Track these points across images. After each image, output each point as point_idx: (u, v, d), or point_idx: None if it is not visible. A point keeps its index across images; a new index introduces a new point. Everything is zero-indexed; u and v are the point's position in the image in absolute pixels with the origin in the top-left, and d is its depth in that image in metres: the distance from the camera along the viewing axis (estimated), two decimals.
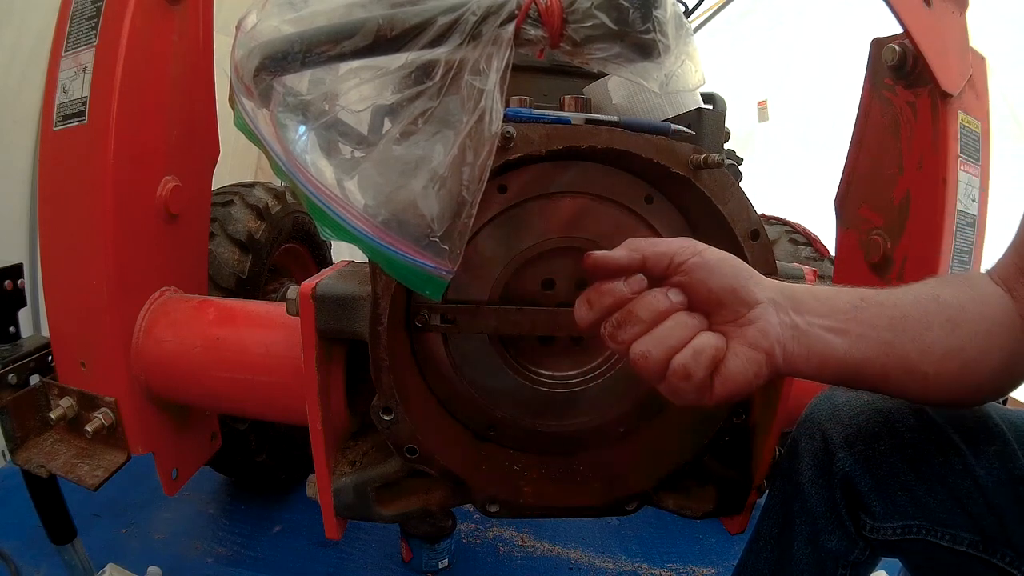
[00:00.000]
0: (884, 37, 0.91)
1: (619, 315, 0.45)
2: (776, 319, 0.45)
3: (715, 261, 0.45)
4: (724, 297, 0.45)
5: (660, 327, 0.44)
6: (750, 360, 0.44)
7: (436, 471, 0.64)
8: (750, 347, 0.44)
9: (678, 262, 0.45)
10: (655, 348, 0.43)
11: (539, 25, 0.51)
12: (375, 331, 0.58)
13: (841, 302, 0.48)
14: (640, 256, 0.46)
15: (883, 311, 0.47)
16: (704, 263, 0.45)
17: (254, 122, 0.57)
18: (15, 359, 0.77)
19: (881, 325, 0.47)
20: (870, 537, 0.56)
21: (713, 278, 0.45)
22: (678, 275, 0.45)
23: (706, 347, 0.43)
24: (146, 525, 1.30)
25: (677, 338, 0.43)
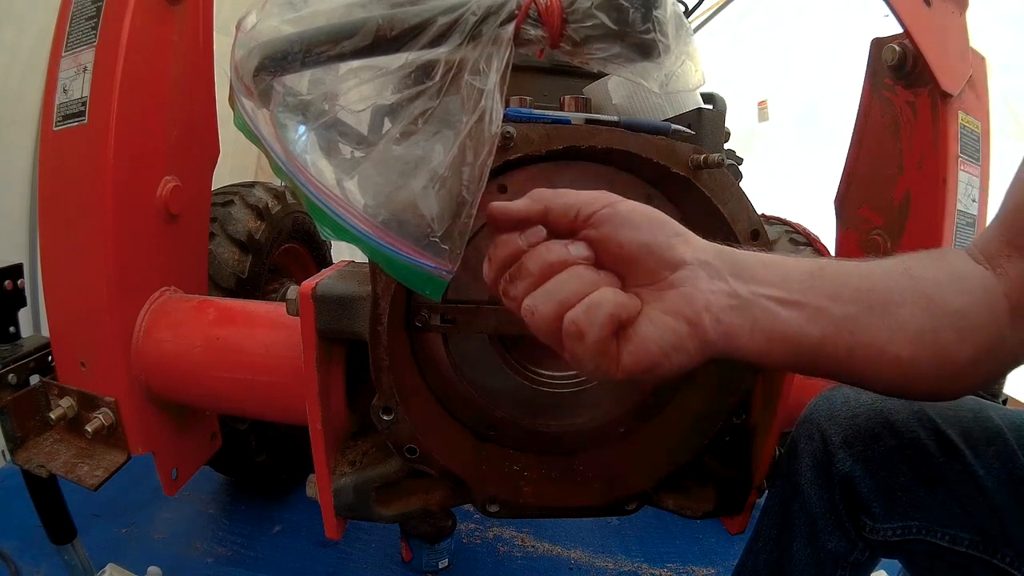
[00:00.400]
0: (884, 37, 0.91)
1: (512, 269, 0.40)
2: (707, 285, 0.38)
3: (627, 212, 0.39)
4: (638, 254, 0.38)
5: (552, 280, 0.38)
6: (667, 328, 0.37)
7: (436, 471, 0.64)
8: (668, 314, 0.37)
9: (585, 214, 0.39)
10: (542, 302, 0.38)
11: (539, 25, 0.51)
12: (375, 331, 0.57)
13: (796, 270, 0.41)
14: (542, 206, 0.40)
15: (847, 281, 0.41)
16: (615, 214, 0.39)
17: (254, 122, 0.57)
18: (15, 359, 0.77)
19: (844, 297, 0.40)
20: (870, 538, 0.56)
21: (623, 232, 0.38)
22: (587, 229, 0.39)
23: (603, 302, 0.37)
24: (146, 525, 1.30)
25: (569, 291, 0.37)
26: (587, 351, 0.37)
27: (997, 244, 0.45)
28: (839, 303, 0.40)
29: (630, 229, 0.39)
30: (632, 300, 0.38)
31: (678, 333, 0.37)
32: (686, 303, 0.38)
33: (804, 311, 0.40)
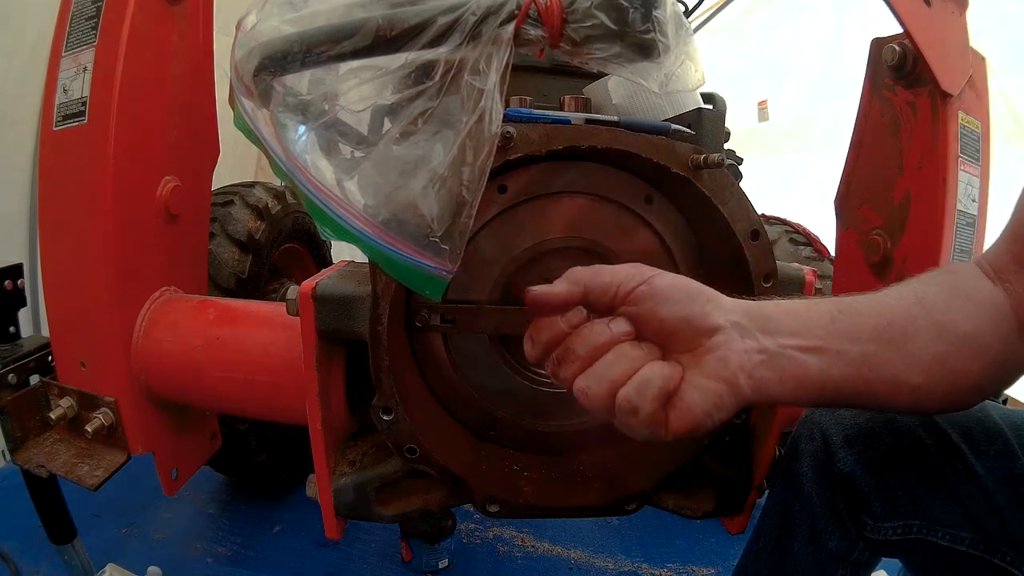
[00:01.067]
0: (884, 37, 0.91)
1: (559, 351, 0.43)
2: (740, 345, 0.41)
3: (664, 288, 0.42)
4: (677, 327, 0.41)
5: (600, 361, 0.41)
6: (708, 391, 0.40)
7: (436, 471, 0.64)
8: (709, 378, 0.41)
9: (624, 292, 0.42)
10: (595, 383, 0.40)
11: (539, 25, 0.51)
12: (375, 331, 0.57)
13: (817, 316, 0.44)
14: (581, 288, 0.43)
15: (864, 321, 0.44)
16: (652, 292, 0.42)
17: (254, 122, 0.57)
18: (15, 359, 0.77)
19: (863, 337, 0.44)
20: (870, 537, 0.56)
21: (663, 307, 0.41)
22: (626, 305, 0.42)
23: (652, 378, 0.40)
24: (146, 525, 1.30)
25: (620, 371, 0.40)
26: (640, 423, 0.40)
27: (1006, 259, 0.47)
28: (858, 343, 0.43)
29: (669, 304, 0.41)
30: (675, 370, 0.41)
31: (719, 395, 0.40)
32: (724, 366, 0.41)
33: (826, 355, 0.43)
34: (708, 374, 0.41)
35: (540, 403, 0.69)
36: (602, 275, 0.43)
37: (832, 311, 0.44)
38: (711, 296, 0.43)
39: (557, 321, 0.43)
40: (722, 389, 0.40)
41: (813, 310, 0.45)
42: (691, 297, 0.42)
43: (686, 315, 0.41)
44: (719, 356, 0.41)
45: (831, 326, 0.44)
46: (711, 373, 0.41)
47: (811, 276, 0.66)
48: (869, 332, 0.44)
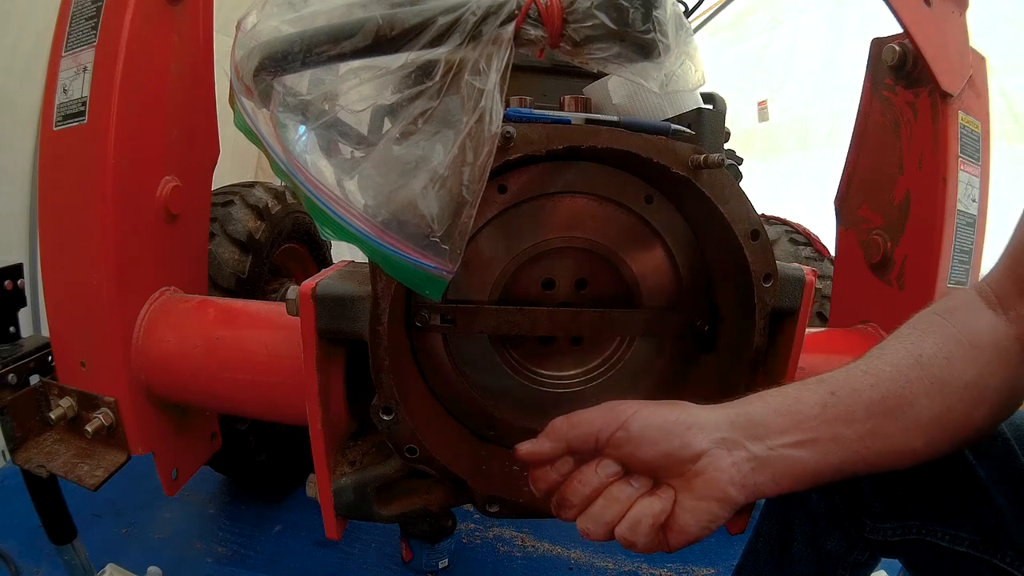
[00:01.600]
0: (884, 37, 0.91)
1: (556, 498, 0.46)
2: (728, 460, 0.43)
3: (640, 431, 0.44)
4: (660, 463, 0.44)
5: (594, 505, 0.44)
6: (700, 512, 0.43)
7: (436, 471, 0.63)
8: (700, 499, 0.43)
9: (603, 439, 0.45)
10: (592, 526, 0.44)
11: (539, 25, 0.51)
12: (375, 331, 0.57)
13: (808, 406, 0.44)
14: (564, 444, 0.46)
15: (859, 399, 0.44)
16: (629, 437, 0.44)
17: (254, 122, 0.57)
18: (15, 359, 0.77)
19: (859, 417, 0.44)
20: (870, 538, 0.56)
21: (642, 450, 0.44)
22: (609, 449, 0.45)
23: (643, 517, 0.43)
24: (146, 525, 1.30)
25: (613, 514, 0.43)
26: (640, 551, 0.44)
27: (1008, 284, 0.48)
28: (854, 424, 0.44)
29: (647, 446, 0.44)
30: (666, 500, 0.43)
31: (712, 512, 0.43)
32: (713, 487, 0.42)
33: (821, 445, 0.44)
34: (699, 496, 0.43)
35: (540, 403, 0.69)
36: (580, 427, 0.46)
37: (824, 396, 0.45)
38: (691, 422, 0.44)
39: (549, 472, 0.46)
40: (714, 507, 0.43)
41: (804, 400, 0.45)
42: (668, 432, 0.44)
43: (666, 452, 0.43)
44: (706, 479, 0.43)
45: (824, 415, 0.44)
46: (701, 495, 0.43)
47: (811, 276, 0.66)
48: (864, 411, 0.44)
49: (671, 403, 0.46)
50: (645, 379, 0.70)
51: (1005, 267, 0.49)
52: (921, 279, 0.87)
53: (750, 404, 0.46)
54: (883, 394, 0.44)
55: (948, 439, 0.46)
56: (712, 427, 0.44)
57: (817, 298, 1.17)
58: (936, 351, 0.46)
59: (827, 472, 0.44)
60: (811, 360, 0.76)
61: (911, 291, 0.89)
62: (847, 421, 0.44)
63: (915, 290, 0.88)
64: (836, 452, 0.44)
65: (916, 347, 0.47)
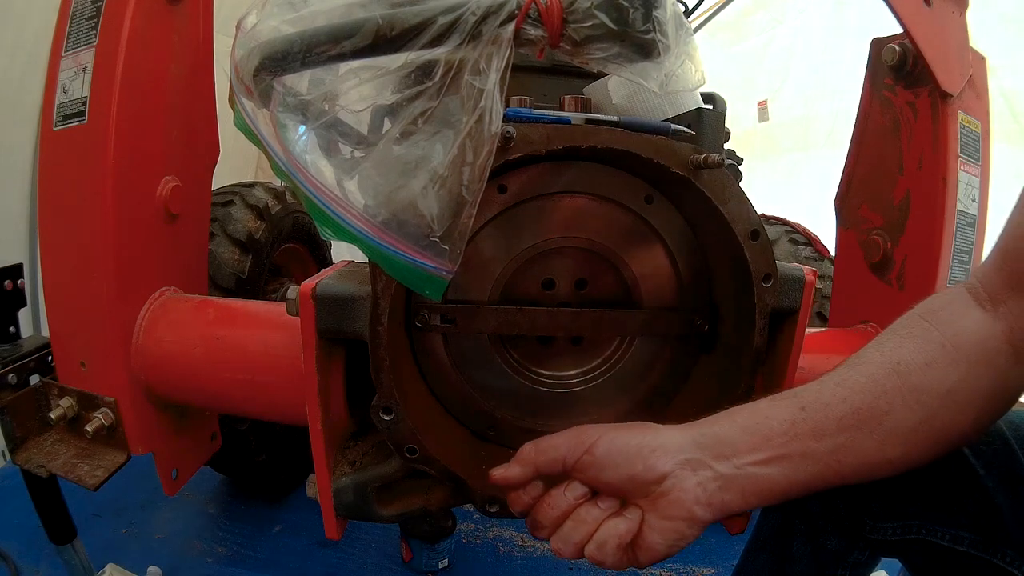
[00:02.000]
0: (884, 37, 0.91)
1: (529, 520, 0.49)
2: (692, 481, 0.44)
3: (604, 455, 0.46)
4: (624, 485, 0.45)
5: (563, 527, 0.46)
6: (668, 530, 0.44)
7: (436, 471, 0.63)
8: (666, 519, 0.44)
9: (571, 463, 0.47)
10: (563, 546, 0.46)
11: (539, 25, 0.51)
12: (375, 331, 0.57)
13: (778, 422, 0.45)
14: (532, 469, 0.48)
15: (829, 414, 0.44)
16: (594, 461, 0.46)
17: (254, 122, 0.57)
18: (15, 359, 0.77)
19: (830, 431, 0.44)
20: (870, 537, 0.56)
21: (606, 473, 0.46)
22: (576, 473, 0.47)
23: (608, 538, 0.44)
24: (146, 525, 1.30)
25: (581, 534, 0.45)
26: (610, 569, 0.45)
27: (997, 281, 0.47)
28: (824, 439, 0.44)
29: (611, 470, 0.45)
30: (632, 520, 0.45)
31: (679, 531, 0.44)
32: (678, 507, 0.44)
33: (790, 462, 0.44)
34: (664, 515, 0.44)
35: (540, 403, 0.69)
36: (547, 452, 0.48)
37: (794, 412, 0.45)
38: (655, 445, 0.45)
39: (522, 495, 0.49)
40: (680, 526, 0.44)
41: (773, 416, 0.45)
42: (631, 456, 0.45)
43: (629, 475, 0.45)
44: (671, 499, 0.44)
45: (793, 430, 0.44)
46: (667, 515, 0.44)
47: (811, 276, 0.66)
48: (835, 424, 0.44)
49: (637, 425, 0.48)
50: (645, 379, 0.70)
51: (994, 262, 0.48)
52: (921, 279, 0.87)
53: (718, 423, 0.47)
54: (855, 407, 0.44)
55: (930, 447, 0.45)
56: (676, 449, 0.45)
57: (817, 298, 1.17)
58: (915, 357, 0.45)
59: (796, 488, 0.44)
60: (811, 360, 0.76)
61: (911, 291, 0.89)
62: (817, 436, 0.44)
63: (915, 290, 0.88)
64: (806, 468, 0.44)
65: (894, 354, 0.46)
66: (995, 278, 0.47)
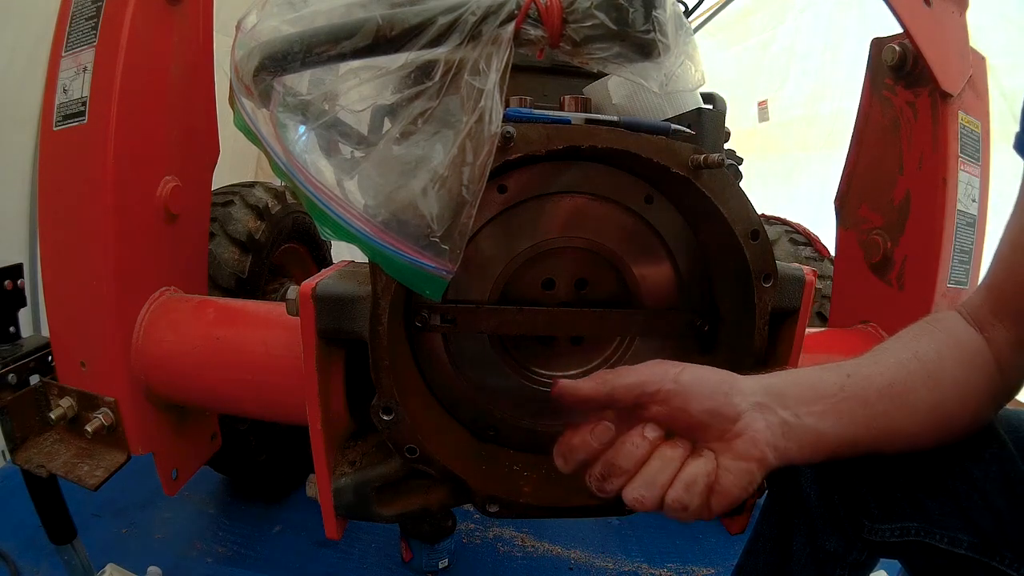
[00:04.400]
0: (884, 37, 0.91)
1: (601, 468, 0.45)
2: (763, 423, 0.45)
3: (690, 385, 0.45)
4: (705, 419, 0.45)
5: (645, 469, 0.44)
6: (742, 472, 0.44)
7: (436, 471, 0.64)
8: (740, 459, 0.44)
9: (651, 391, 0.45)
10: (648, 491, 0.44)
11: (539, 25, 0.51)
12: (375, 331, 0.57)
13: (827, 385, 0.48)
14: (608, 388, 0.46)
15: (870, 383, 0.48)
16: (680, 390, 0.45)
17: (254, 122, 0.57)
18: (15, 359, 0.77)
19: (871, 399, 0.48)
20: (868, 538, 0.56)
21: (692, 404, 0.45)
22: (655, 404, 0.45)
23: (697, 477, 0.43)
24: (146, 525, 1.30)
25: (666, 475, 0.44)
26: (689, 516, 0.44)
27: (984, 311, 0.53)
28: (868, 406, 0.48)
29: (696, 401, 0.45)
30: (711, 462, 0.44)
31: (751, 472, 0.44)
32: (753, 446, 0.44)
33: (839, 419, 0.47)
34: (739, 456, 0.44)
35: (540, 403, 0.69)
36: (627, 376, 0.46)
37: (842, 378, 0.49)
38: (732, 384, 0.46)
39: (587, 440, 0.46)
40: (752, 467, 0.44)
41: (824, 380, 0.49)
42: (714, 391, 0.45)
43: (713, 408, 0.45)
44: (748, 438, 0.44)
45: (842, 393, 0.48)
46: (742, 454, 0.44)
47: (811, 276, 0.66)
48: (876, 394, 0.48)
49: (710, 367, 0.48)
50: None
51: (983, 295, 0.54)
52: (921, 279, 0.87)
53: (776, 377, 0.48)
54: (890, 381, 0.49)
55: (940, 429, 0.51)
56: (749, 392, 0.46)
57: (817, 298, 1.17)
58: (929, 350, 0.51)
59: (843, 445, 0.47)
60: (811, 360, 0.76)
61: (911, 291, 0.89)
62: (860, 401, 0.47)
63: (915, 290, 0.88)
64: (850, 427, 0.47)
65: (913, 345, 0.52)
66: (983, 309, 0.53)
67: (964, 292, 0.88)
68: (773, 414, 0.45)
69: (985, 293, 0.54)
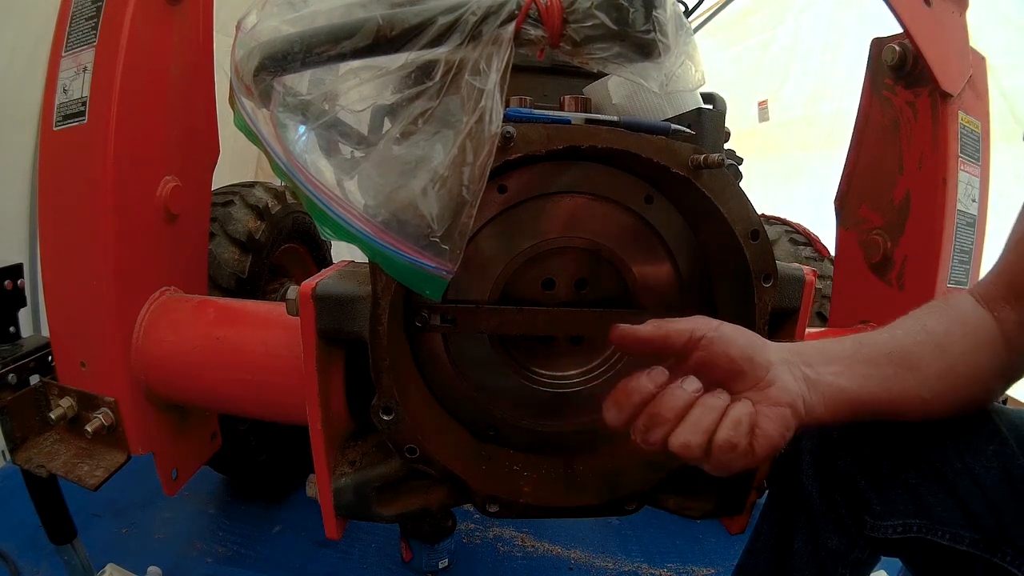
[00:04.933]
0: (884, 37, 0.91)
1: (645, 419, 0.47)
2: (790, 376, 0.48)
3: (730, 333, 0.49)
4: (743, 364, 0.48)
5: (690, 415, 0.46)
6: (779, 416, 0.47)
7: (436, 471, 0.64)
8: (776, 405, 0.47)
9: (697, 336, 0.48)
10: (693, 435, 0.45)
11: (539, 25, 0.51)
12: (375, 331, 0.57)
13: (841, 348, 0.52)
14: (664, 332, 0.49)
15: (880, 349, 0.52)
16: (721, 336, 0.48)
17: (254, 122, 0.57)
18: (15, 359, 0.77)
19: (882, 362, 0.51)
20: (870, 536, 0.56)
21: (732, 348, 0.48)
22: (698, 350, 0.48)
23: (742, 416, 0.46)
24: (146, 525, 1.30)
25: (711, 419, 0.46)
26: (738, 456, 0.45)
27: (995, 294, 0.55)
28: (879, 367, 0.52)
29: (736, 346, 0.48)
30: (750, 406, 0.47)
31: (787, 418, 0.47)
32: (785, 393, 0.47)
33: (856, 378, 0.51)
34: (774, 401, 0.47)
35: (540, 403, 0.69)
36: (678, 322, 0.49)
37: (854, 344, 0.53)
38: (762, 339, 0.51)
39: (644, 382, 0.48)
40: (787, 412, 0.47)
41: (839, 344, 0.53)
42: (750, 340, 0.49)
43: (750, 354, 0.48)
44: (780, 386, 0.48)
45: (854, 356, 0.52)
46: (777, 400, 0.47)
47: (811, 276, 0.66)
48: (886, 358, 0.52)
49: None
50: None
51: (996, 273, 0.56)
52: (921, 279, 0.87)
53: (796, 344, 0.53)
54: (899, 348, 0.52)
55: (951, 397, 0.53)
56: (776, 348, 0.50)
57: (817, 298, 1.17)
58: (937, 324, 0.54)
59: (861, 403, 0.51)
60: None
61: (911, 291, 0.89)
62: (872, 363, 0.51)
63: (915, 290, 0.88)
64: (868, 386, 0.51)
65: (921, 319, 0.55)
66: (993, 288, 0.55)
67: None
68: (797, 369, 0.49)
69: (997, 275, 0.56)
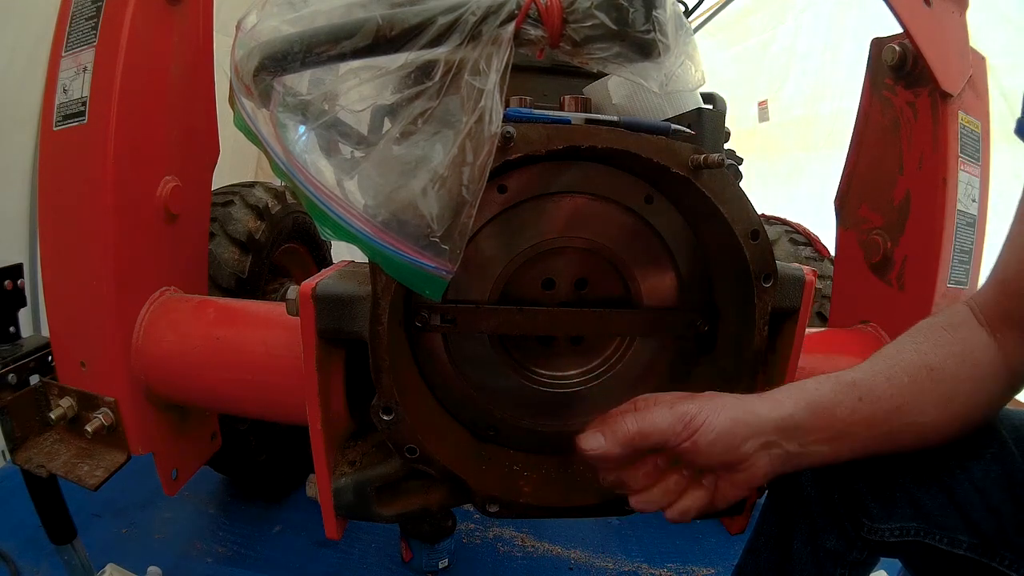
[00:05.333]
0: (884, 37, 0.91)
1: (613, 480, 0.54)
2: (765, 459, 0.50)
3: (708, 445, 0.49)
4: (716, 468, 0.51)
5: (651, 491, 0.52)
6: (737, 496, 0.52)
7: (436, 471, 0.64)
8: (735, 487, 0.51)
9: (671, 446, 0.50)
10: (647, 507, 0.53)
11: (539, 25, 0.51)
12: (375, 331, 0.57)
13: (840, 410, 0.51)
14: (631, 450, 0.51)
15: (881, 408, 0.51)
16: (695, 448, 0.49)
17: (254, 122, 0.57)
18: (15, 359, 0.77)
19: (878, 422, 0.51)
20: (868, 538, 0.56)
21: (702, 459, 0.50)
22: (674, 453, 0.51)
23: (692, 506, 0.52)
24: (146, 525, 1.30)
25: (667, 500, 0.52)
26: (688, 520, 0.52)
27: (995, 313, 0.54)
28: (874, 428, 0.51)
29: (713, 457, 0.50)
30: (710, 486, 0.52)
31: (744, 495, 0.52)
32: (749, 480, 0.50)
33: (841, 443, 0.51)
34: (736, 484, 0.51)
35: (540, 403, 0.69)
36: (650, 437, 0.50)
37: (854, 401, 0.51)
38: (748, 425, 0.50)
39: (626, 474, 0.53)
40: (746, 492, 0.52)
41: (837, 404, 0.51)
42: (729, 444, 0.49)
43: (723, 461, 0.50)
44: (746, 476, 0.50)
45: (852, 417, 0.51)
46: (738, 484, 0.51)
47: (811, 276, 0.66)
48: (884, 416, 0.51)
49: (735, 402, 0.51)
50: (645, 380, 0.70)
51: (992, 295, 0.55)
52: (921, 279, 0.87)
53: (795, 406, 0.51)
54: (900, 404, 0.51)
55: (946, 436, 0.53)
56: (761, 431, 0.50)
57: (817, 298, 1.17)
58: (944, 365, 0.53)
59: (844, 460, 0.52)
60: (811, 360, 0.76)
61: (911, 291, 0.89)
62: (870, 425, 0.51)
63: (915, 290, 0.88)
64: (852, 447, 0.51)
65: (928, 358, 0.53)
66: (992, 311, 0.54)
67: (964, 292, 0.88)
68: (779, 447, 0.50)
69: (996, 290, 0.55)
